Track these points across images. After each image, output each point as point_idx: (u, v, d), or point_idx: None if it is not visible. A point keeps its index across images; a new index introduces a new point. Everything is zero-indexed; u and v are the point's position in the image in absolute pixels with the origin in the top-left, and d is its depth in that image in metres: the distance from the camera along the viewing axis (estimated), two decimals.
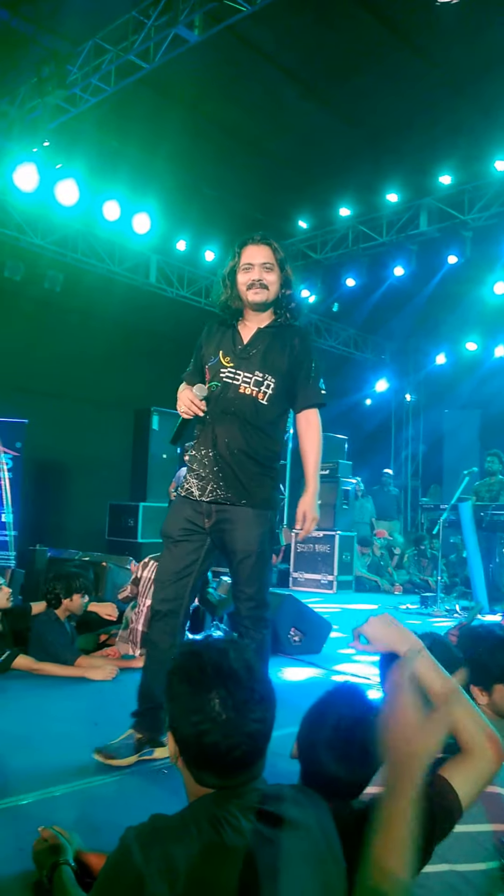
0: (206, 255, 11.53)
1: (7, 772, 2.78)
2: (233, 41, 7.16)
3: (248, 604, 2.97)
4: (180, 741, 1.38)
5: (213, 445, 2.96)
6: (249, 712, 1.35)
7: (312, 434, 3.12)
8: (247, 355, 3.00)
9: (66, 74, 7.09)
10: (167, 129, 8.36)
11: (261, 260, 3.02)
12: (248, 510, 2.94)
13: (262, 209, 10.68)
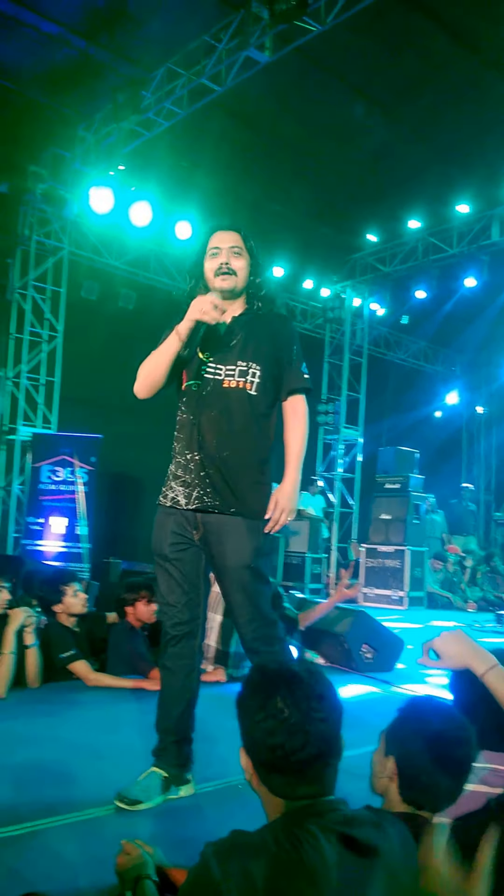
0: (275, 271, 11.64)
1: (86, 783, 2.82)
2: (302, 61, 7.24)
3: (252, 625, 2.68)
4: (251, 748, 1.40)
5: (200, 448, 2.68)
6: (312, 710, 1.37)
7: (298, 422, 2.86)
8: (227, 346, 2.75)
9: (140, 100, 7.31)
10: (237, 149, 8.51)
11: (228, 244, 2.78)
12: (239, 520, 2.66)
13: (329, 224, 10.74)
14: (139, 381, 2.80)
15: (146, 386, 2.78)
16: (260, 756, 1.38)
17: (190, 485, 2.69)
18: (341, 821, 1.34)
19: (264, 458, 2.75)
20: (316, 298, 13.04)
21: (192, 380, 2.75)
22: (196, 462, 2.69)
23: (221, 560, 2.66)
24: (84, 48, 7.37)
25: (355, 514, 13.28)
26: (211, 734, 3.10)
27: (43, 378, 10.18)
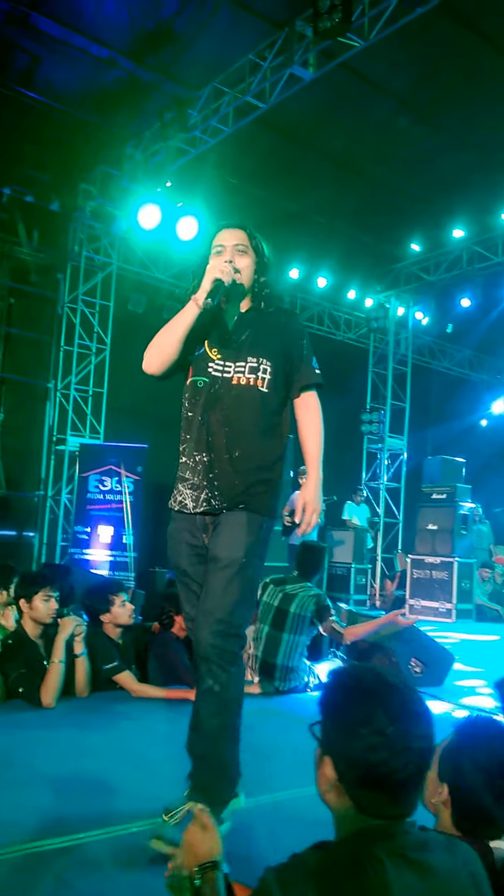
0: (319, 281, 11.70)
1: (132, 796, 2.82)
2: (345, 75, 7.30)
3: (214, 627, 2.40)
4: (345, 761, 1.35)
5: (209, 449, 2.57)
6: (414, 727, 1.33)
7: (312, 418, 2.75)
8: (235, 343, 2.66)
9: (187, 118, 7.46)
10: (281, 162, 8.61)
11: (233, 242, 2.71)
12: (241, 514, 2.54)
13: (373, 234, 10.76)
14: (150, 355, 2.66)
15: (158, 359, 2.65)
16: (355, 771, 1.33)
17: (197, 487, 2.58)
18: (411, 845, 1.30)
19: (277, 458, 2.66)
20: (360, 308, 13.05)
21: (198, 376, 2.64)
22: (204, 464, 2.58)
23: (214, 550, 2.51)
24: (132, 70, 7.55)
25: (401, 524, 13.22)
26: (255, 747, 3.11)
27: (91, 389, 10.38)
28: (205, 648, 2.40)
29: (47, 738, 3.47)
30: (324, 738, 1.40)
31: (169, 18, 6.91)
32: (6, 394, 9.87)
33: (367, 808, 1.33)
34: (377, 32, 6.30)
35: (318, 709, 1.44)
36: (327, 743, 1.39)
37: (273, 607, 4.92)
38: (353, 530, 10.86)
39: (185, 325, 2.60)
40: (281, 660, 4.76)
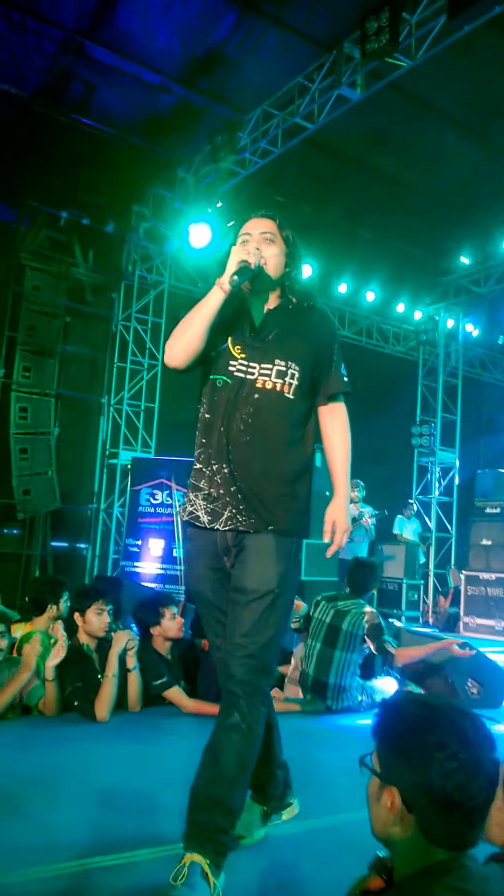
0: (367, 295, 11.72)
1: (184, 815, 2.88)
2: (392, 94, 7.36)
3: (245, 662, 2.22)
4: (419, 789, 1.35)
5: (230, 460, 2.34)
6: (484, 751, 1.33)
7: (339, 428, 2.56)
8: (261, 342, 2.43)
9: (236, 140, 7.61)
10: (330, 180, 8.70)
11: (260, 229, 2.51)
12: (269, 537, 2.32)
13: (422, 248, 10.76)
14: (174, 345, 2.40)
15: (184, 350, 2.38)
16: (428, 798, 1.32)
17: (216, 500, 2.35)
18: (472, 878, 1.31)
19: (302, 470, 2.42)
20: (409, 321, 13.02)
21: (218, 374, 2.42)
22: (224, 476, 2.35)
23: (241, 580, 2.31)
24: (184, 95, 7.74)
25: (453, 539, 13.08)
26: (309, 769, 3.11)
27: (143, 404, 10.59)
28: (234, 684, 2.23)
29: (102, 753, 3.52)
30: (386, 769, 1.40)
31: (219, 44, 7.06)
32: (62, 409, 10.14)
33: (437, 838, 1.33)
34: (424, 52, 6.34)
35: (375, 739, 1.44)
36: (392, 773, 1.38)
37: (325, 624, 4.91)
38: (404, 545, 10.80)
39: (211, 311, 2.35)
40: (333, 678, 4.74)
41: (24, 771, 3.10)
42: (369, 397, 13.30)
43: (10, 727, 3.82)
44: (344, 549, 7.51)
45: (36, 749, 3.51)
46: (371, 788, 1.43)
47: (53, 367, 10.01)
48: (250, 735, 2.21)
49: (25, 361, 9.74)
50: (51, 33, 6.90)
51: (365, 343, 12.81)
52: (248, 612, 2.25)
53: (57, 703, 4.03)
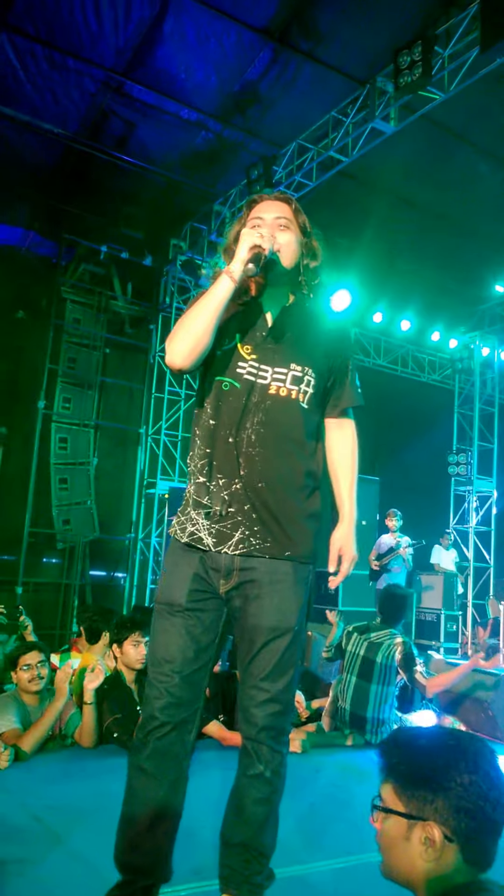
0: (402, 324, 11.73)
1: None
2: (426, 126, 7.41)
3: (268, 708, 2.03)
4: (461, 814, 1.38)
5: (239, 474, 2.08)
6: (496, 762, 1.41)
7: (350, 446, 2.33)
8: (275, 343, 2.17)
9: (272, 174, 7.73)
10: (364, 212, 8.75)
11: (274, 214, 2.22)
12: (287, 565, 2.08)
13: (456, 278, 10.75)
14: (178, 342, 2.09)
15: (190, 347, 2.07)
16: (472, 822, 1.37)
17: (224, 519, 2.08)
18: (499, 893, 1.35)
19: (316, 488, 2.21)
20: (444, 350, 12.98)
21: (224, 376, 2.14)
22: (236, 492, 2.08)
23: (257, 619, 2.04)
24: (220, 130, 7.90)
25: (492, 569, 12.86)
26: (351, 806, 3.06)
27: (180, 434, 10.66)
28: (257, 731, 2.04)
29: None
30: (415, 807, 1.41)
31: (254, 80, 7.21)
32: (101, 440, 10.27)
33: (477, 861, 1.38)
34: (457, 84, 6.39)
35: (390, 781, 1.45)
36: (424, 808, 1.40)
37: (359, 657, 4.86)
38: (442, 575, 10.65)
39: (219, 304, 2.07)
40: (371, 712, 4.68)
41: (64, 803, 3.11)
42: (405, 426, 13.25)
43: (49, 759, 3.83)
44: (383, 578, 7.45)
45: (75, 781, 3.51)
46: (395, 831, 1.42)
47: (93, 398, 10.17)
48: (276, 779, 2.09)
49: (66, 393, 9.91)
50: (91, 73, 7.11)
51: (400, 372, 12.79)
52: (268, 653, 2.04)
53: (94, 731, 4.04)
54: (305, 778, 3.95)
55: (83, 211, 9.30)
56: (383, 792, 1.49)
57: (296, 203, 2.31)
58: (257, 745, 2.06)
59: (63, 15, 6.34)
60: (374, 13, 6.26)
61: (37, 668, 4.03)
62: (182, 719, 2.07)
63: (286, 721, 2.11)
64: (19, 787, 3.34)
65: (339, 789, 2.82)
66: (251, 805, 2.06)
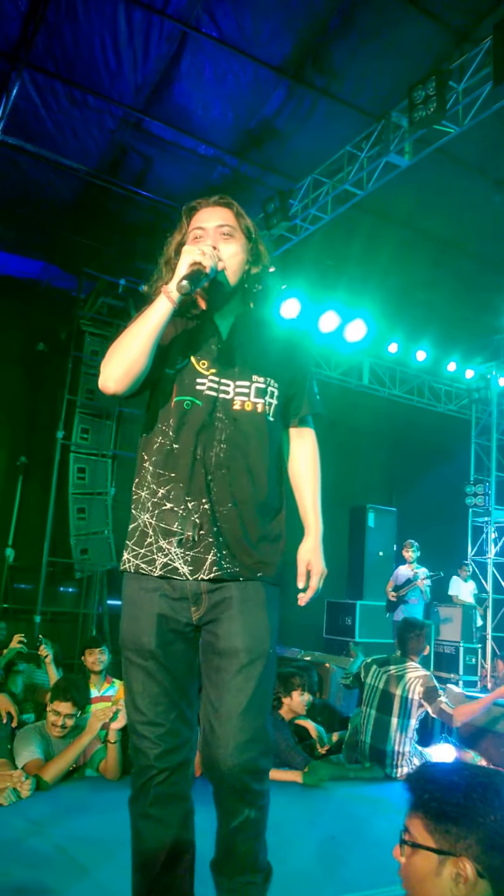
0: (418, 354, 11.75)
1: None
2: (441, 159, 7.50)
3: (249, 748, 1.86)
4: (492, 849, 1.38)
5: (208, 493, 1.97)
6: None
7: (311, 455, 2.24)
8: (232, 355, 2.06)
9: (288, 208, 7.82)
10: (380, 243, 8.84)
11: (216, 222, 2.09)
12: (258, 586, 1.99)
13: (473, 308, 10.79)
14: (110, 366, 1.97)
15: (123, 371, 1.95)
16: (502, 855, 1.38)
17: (196, 544, 1.96)
18: None
19: (282, 506, 2.13)
20: (460, 380, 12.98)
21: (184, 395, 2.03)
22: (205, 514, 1.97)
23: (230, 641, 1.92)
24: (236, 165, 8.03)
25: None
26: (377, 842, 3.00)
27: None
28: (238, 778, 1.86)
29: None
30: (447, 843, 1.40)
31: (270, 116, 7.34)
32: (118, 469, 10.30)
33: None
34: (471, 118, 6.47)
35: (420, 816, 1.44)
36: (457, 844, 1.39)
37: (378, 690, 4.82)
38: (460, 607, 10.54)
39: (157, 325, 1.95)
40: (391, 745, 4.63)
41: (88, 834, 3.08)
42: (421, 456, 13.23)
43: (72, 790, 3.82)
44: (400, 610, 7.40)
45: (98, 812, 3.49)
46: (424, 866, 1.40)
47: (111, 428, 10.23)
48: (262, 814, 1.95)
49: (84, 423, 9.99)
50: (110, 110, 7.26)
51: (416, 402, 12.78)
52: (242, 681, 1.89)
53: (119, 765, 4.02)
54: (325, 810, 3.94)
55: (102, 245, 9.45)
56: (411, 826, 1.47)
57: (237, 206, 2.18)
58: (239, 793, 1.89)
59: (83, 54, 6.50)
60: (388, 49, 6.37)
61: (63, 719, 4.05)
62: (180, 761, 1.95)
63: (268, 759, 1.96)
64: (43, 816, 3.33)
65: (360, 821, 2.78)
66: (241, 845, 1.93)
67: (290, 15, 6.05)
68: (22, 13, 6.09)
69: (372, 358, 11.91)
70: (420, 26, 6.12)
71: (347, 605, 10.26)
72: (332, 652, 9.32)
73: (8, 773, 3.60)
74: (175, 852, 1.91)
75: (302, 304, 9.44)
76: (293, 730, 4.88)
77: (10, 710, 4.33)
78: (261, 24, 6.16)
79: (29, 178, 8.24)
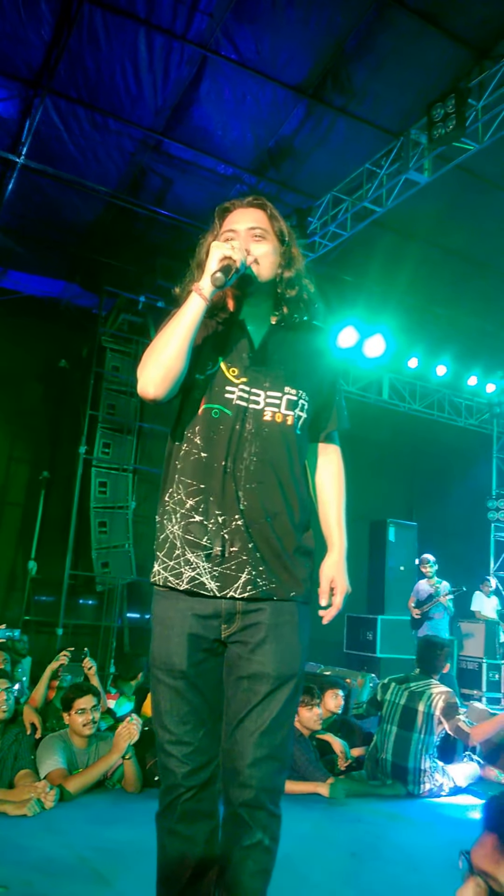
0: (438, 369, 11.75)
1: None
2: (460, 175, 7.53)
3: (267, 766, 1.86)
4: None
5: (240, 510, 1.91)
6: None
7: (337, 472, 2.19)
8: (263, 364, 2.00)
9: (306, 226, 7.91)
10: (399, 260, 8.87)
11: (248, 224, 2.06)
12: (292, 607, 1.94)
13: (493, 322, 10.77)
14: (150, 370, 1.94)
15: (162, 375, 1.91)
16: None
17: (227, 561, 1.90)
18: None
19: (310, 522, 2.07)
20: (481, 395, 12.94)
21: (213, 403, 1.97)
22: (237, 529, 1.90)
23: (261, 665, 1.87)
24: (255, 184, 8.11)
25: None
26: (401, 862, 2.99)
27: None
28: (255, 795, 1.84)
29: None
30: None
31: (289, 136, 7.42)
32: (138, 484, 10.37)
33: None
34: (491, 135, 6.51)
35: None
36: None
37: (399, 706, 4.80)
38: (483, 623, 10.46)
39: (191, 324, 1.92)
40: (413, 762, 4.60)
41: (110, 846, 3.11)
42: (442, 471, 13.17)
43: (95, 801, 3.86)
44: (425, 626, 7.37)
45: (120, 824, 3.52)
46: None
47: (131, 443, 10.32)
48: (274, 846, 1.90)
49: (105, 438, 10.08)
50: (131, 133, 7.38)
51: (437, 416, 12.76)
52: (270, 703, 1.87)
53: (138, 779, 4.05)
54: (346, 826, 3.92)
55: (122, 263, 9.57)
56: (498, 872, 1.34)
57: (272, 208, 2.14)
58: (253, 810, 1.85)
59: (105, 79, 6.63)
60: (407, 67, 6.43)
61: (90, 712, 4.09)
62: (207, 779, 1.92)
63: (283, 779, 1.94)
64: (66, 827, 3.38)
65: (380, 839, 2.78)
66: (248, 879, 1.85)
67: (309, 36, 6.13)
68: (45, 42, 6.24)
69: (392, 373, 11.92)
70: (438, 44, 6.17)
71: (368, 620, 10.21)
72: (352, 667, 9.28)
73: (32, 784, 3.65)
74: (200, 869, 1.90)
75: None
76: (315, 744, 4.88)
77: (34, 721, 4.37)
78: (279, 46, 6.25)
79: (51, 200, 8.39)
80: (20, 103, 7.02)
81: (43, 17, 5.98)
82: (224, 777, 1.92)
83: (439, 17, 5.93)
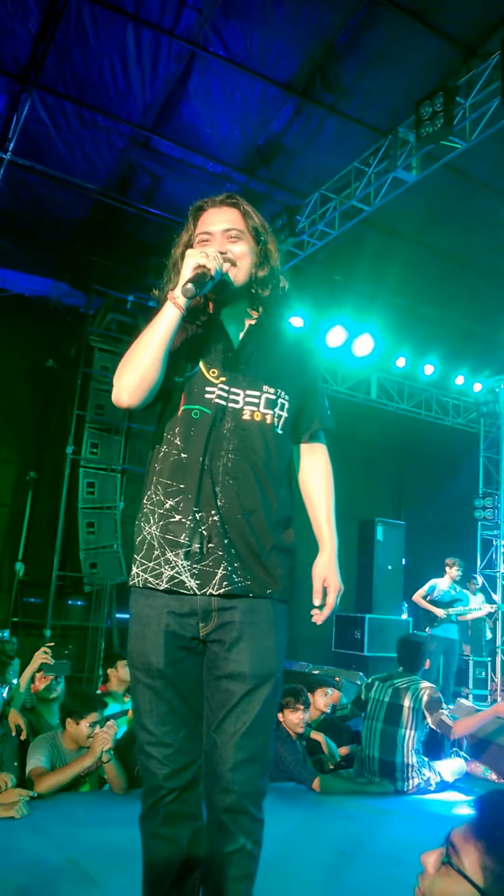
0: (426, 369, 11.78)
1: None
2: (448, 174, 7.55)
3: (249, 769, 1.84)
4: None
5: (216, 505, 1.91)
6: None
7: (323, 469, 2.19)
8: (242, 364, 2.01)
9: (295, 224, 7.89)
10: (387, 259, 8.88)
11: (223, 225, 2.06)
12: (268, 604, 1.93)
13: (480, 322, 10.81)
14: (124, 378, 1.94)
15: (137, 382, 1.91)
16: None
17: (205, 557, 1.89)
18: None
19: (289, 520, 2.06)
20: (468, 394, 12.99)
21: (193, 404, 1.98)
22: (213, 526, 1.90)
23: (238, 665, 1.86)
24: (244, 182, 8.10)
25: None
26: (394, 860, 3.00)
27: None
28: (237, 799, 1.82)
29: None
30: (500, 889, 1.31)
31: (278, 133, 7.41)
32: (127, 484, 10.33)
33: None
34: (478, 133, 6.52)
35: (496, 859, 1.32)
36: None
37: (384, 703, 4.82)
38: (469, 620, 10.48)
39: (166, 333, 1.92)
40: (400, 758, 4.61)
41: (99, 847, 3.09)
42: (430, 470, 13.21)
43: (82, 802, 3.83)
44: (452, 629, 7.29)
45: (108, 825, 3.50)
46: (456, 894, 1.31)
47: (119, 443, 10.28)
48: (257, 850, 1.87)
49: (93, 438, 10.03)
50: (119, 129, 7.34)
51: (424, 416, 12.79)
52: (249, 703, 1.86)
53: (122, 780, 4.03)
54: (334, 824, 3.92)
55: (111, 262, 9.52)
56: (463, 851, 1.33)
57: (245, 205, 2.13)
58: (236, 815, 1.83)
59: (92, 74, 6.59)
60: (396, 66, 6.43)
61: (91, 729, 4.07)
62: (189, 780, 1.90)
63: (266, 783, 1.90)
64: (53, 829, 3.35)
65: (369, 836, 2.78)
66: (231, 884, 1.83)
67: (298, 33, 6.12)
68: (32, 35, 6.19)
69: (380, 372, 11.94)
70: (427, 42, 6.18)
71: (356, 619, 10.22)
72: (341, 666, 9.28)
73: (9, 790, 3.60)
74: (185, 869, 1.89)
75: (309, 319, 9.49)
76: (305, 744, 4.87)
77: (19, 723, 4.33)
78: (268, 43, 6.23)
79: (39, 197, 8.33)
80: (7, 98, 6.97)
81: (30, 10, 5.94)
82: (205, 781, 1.90)
83: (428, 15, 5.94)
